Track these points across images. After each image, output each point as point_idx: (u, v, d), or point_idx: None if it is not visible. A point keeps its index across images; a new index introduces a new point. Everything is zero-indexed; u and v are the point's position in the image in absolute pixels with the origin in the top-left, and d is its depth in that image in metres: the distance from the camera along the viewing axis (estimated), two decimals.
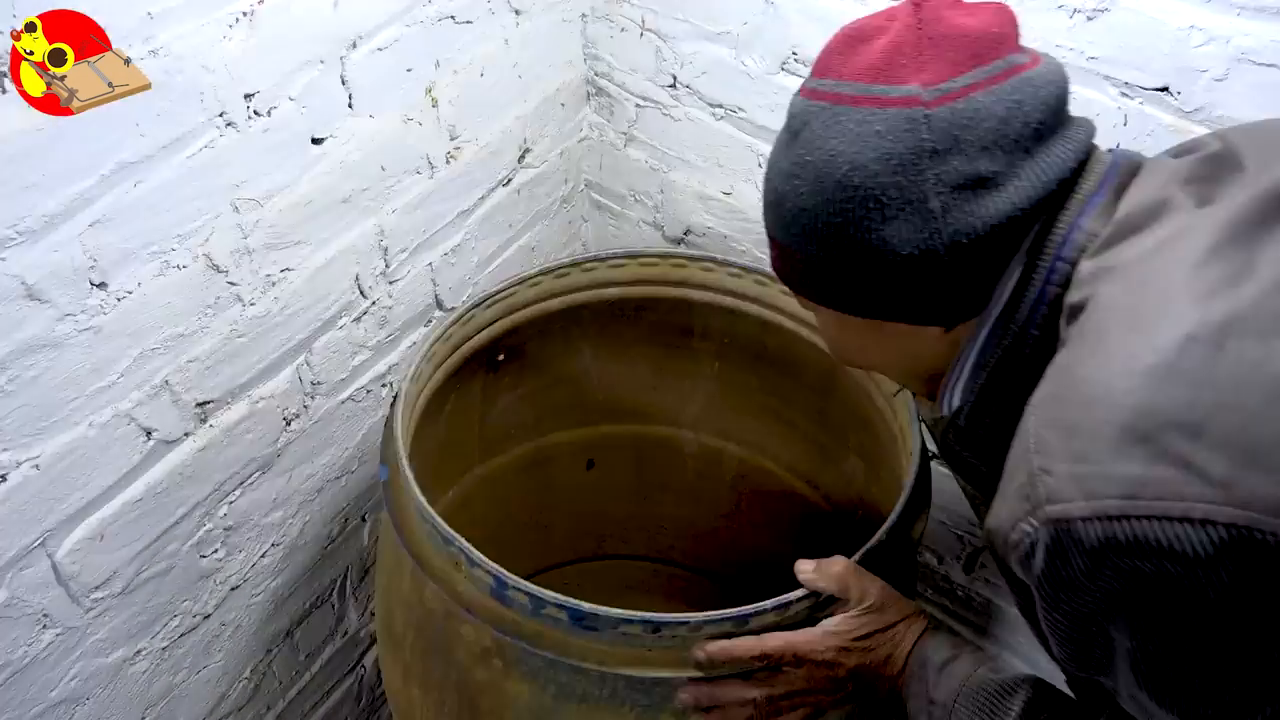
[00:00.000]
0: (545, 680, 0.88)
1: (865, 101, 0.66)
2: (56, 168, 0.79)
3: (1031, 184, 0.65)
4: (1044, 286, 0.65)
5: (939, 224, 0.65)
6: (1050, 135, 0.66)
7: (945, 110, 0.64)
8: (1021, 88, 0.65)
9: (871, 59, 0.67)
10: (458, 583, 0.90)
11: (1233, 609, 0.52)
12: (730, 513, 1.45)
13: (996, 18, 0.68)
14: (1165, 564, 0.52)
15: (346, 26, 1.00)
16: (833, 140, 0.67)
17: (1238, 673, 0.54)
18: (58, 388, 0.88)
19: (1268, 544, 0.50)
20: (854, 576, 0.84)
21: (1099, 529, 0.54)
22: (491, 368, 1.24)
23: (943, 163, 0.64)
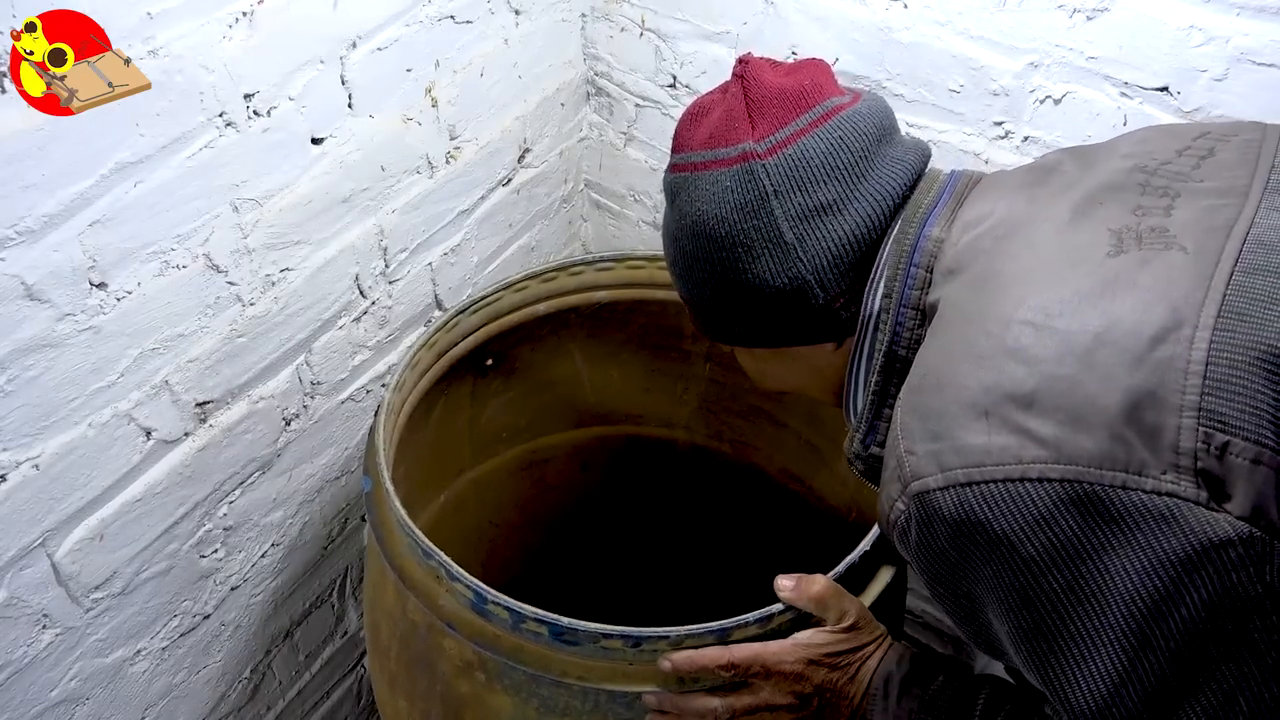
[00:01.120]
0: (528, 694, 0.87)
1: (712, 165, 0.77)
2: (56, 168, 0.79)
3: (870, 201, 0.75)
4: (904, 291, 0.74)
5: (798, 253, 0.75)
6: (879, 159, 0.76)
7: (778, 157, 0.75)
8: (842, 125, 0.76)
9: (711, 128, 0.78)
10: (439, 596, 0.90)
11: (1077, 560, 0.58)
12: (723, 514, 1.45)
13: (811, 71, 0.79)
14: (1013, 522, 0.59)
15: (346, 26, 1.00)
16: (696, 202, 0.78)
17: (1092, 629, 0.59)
18: (57, 388, 0.88)
19: (1096, 494, 0.57)
20: (833, 597, 0.84)
21: (953, 496, 0.61)
22: (480, 373, 1.23)
23: (786, 200, 0.75)
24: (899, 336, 0.74)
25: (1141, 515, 0.56)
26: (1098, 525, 0.57)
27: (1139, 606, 0.57)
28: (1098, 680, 0.59)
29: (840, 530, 1.26)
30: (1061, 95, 1.03)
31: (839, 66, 1.16)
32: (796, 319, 0.78)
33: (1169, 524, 0.56)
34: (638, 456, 1.44)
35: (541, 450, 1.40)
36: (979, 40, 1.05)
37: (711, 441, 1.40)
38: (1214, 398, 0.56)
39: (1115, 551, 0.57)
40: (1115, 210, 0.67)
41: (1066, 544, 0.58)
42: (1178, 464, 0.56)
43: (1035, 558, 0.59)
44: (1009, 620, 0.63)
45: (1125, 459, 0.57)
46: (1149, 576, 0.56)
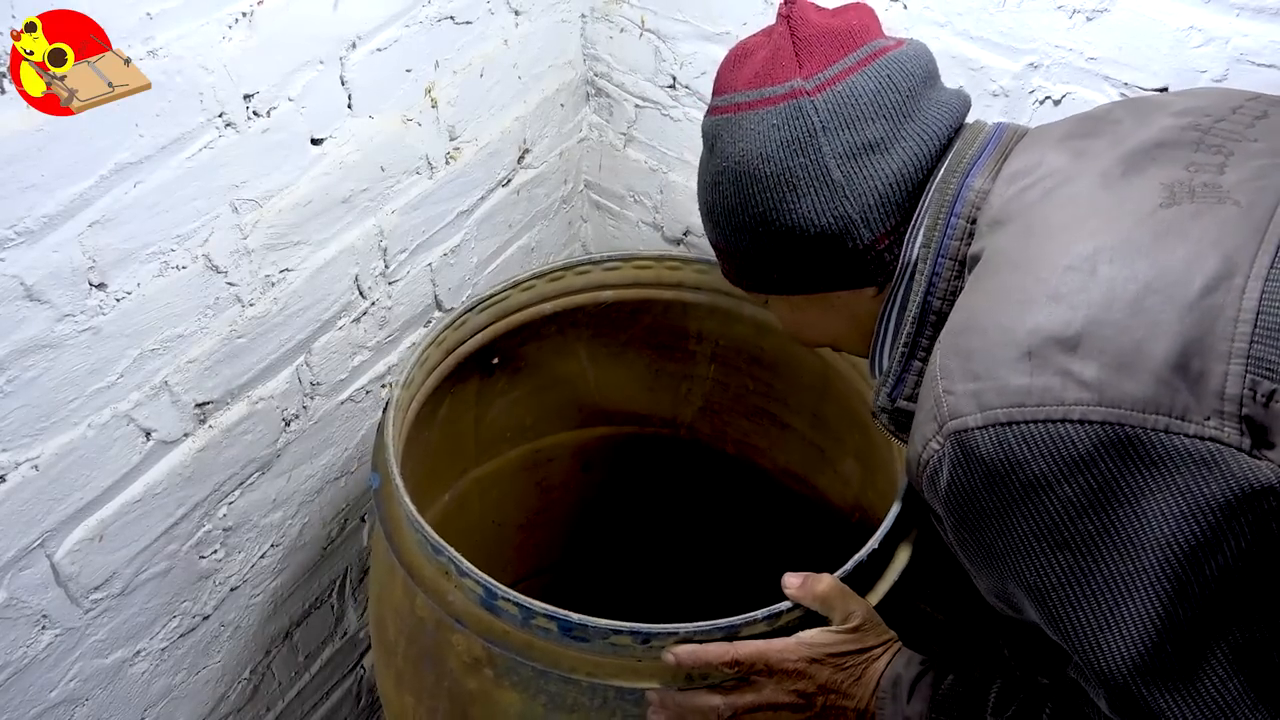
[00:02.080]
0: (536, 690, 0.87)
1: (758, 104, 0.77)
2: (56, 168, 0.79)
3: (916, 142, 0.76)
4: (943, 241, 0.74)
5: (845, 191, 0.75)
6: (925, 102, 0.77)
7: (826, 94, 0.75)
8: (889, 65, 0.76)
9: (756, 68, 0.78)
10: (448, 592, 0.90)
11: (1115, 503, 0.58)
12: (726, 515, 1.45)
13: (857, 13, 0.80)
14: (1052, 463, 0.59)
15: (346, 27, 1.00)
16: (740, 143, 0.78)
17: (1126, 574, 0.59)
18: (57, 388, 0.88)
19: (1138, 437, 0.57)
20: (839, 597, 0.84)
21: (993, 435, 0.61)
22: (486, 371, 1.23)
23: (834, 138, 0.75)
24: (934, 286, 0.74)
25: (1183, 459, 0.56)
26: (1138, 468, 0.57)
27: (1176, 551, 0.57)
28: (1130, 626, 0.59)
29: (844, 531, 1.26)
30: (1061, 96, 1.03)
31: None
32: (840, 261, 0.78)
33: (1210, 468, 0.56)
34: (642, 456, 1.44)
35: (546, 449, 1.40)
36: (978, 41, 1.05)
37: (715, 441, 1.40)
38: (1263, 345, 0.57)
39: (1154, 495, 0.57)
40: (1168, 165, 0.67)
41: (1105, 486, 0.58)
42: (1222, 410, 0.56)
43: (1073, 499, 0.59)
44: (1039, 569, 0.62)
45: (1169, 403, 0.57)
46: (1187, 521, 0.56)
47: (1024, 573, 0.63)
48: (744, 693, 0.84)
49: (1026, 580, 0.63)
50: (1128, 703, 0.61)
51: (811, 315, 0.86)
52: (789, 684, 0.83)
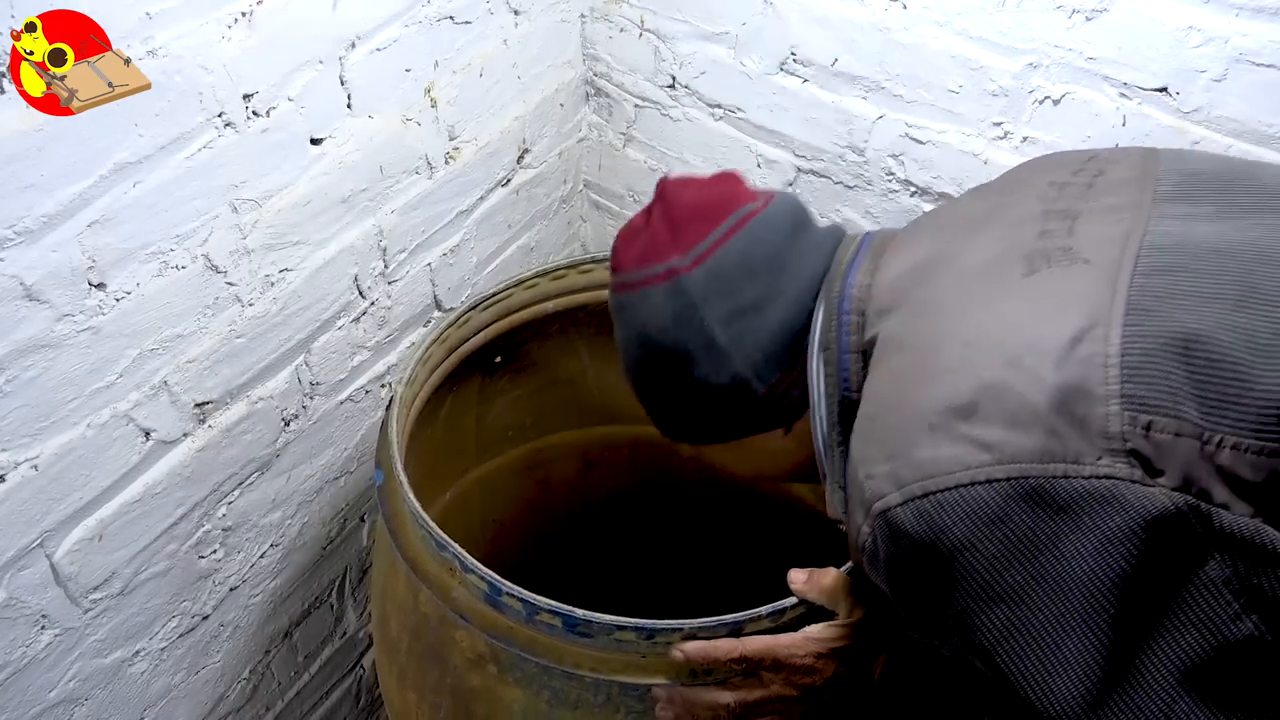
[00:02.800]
0: (540, 686, 0.87)
1: (644, 283, 0.84)
2: (55, 168, 0.79)
3: (791, 293, 0.82)
4: (842, 339, 0.79)
5: (732, 354, 0.81)
6: (794, 253, 0.83)
7: (701, 269, 0.81)
8: (755, 230, 0.82)
9: (640, 249, 0.85)
10: (452, 588, 0.90)
11: (1035, 551, 0.61)
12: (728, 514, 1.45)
13: (724, 183, 0.87)
14: (970, 525, 0.62)
15: (345, 27, 1.00)
16: (636, 320, 0.85)
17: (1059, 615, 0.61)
18: (56, 388, 0.88)
19: (1041, 486, 0.61)
20: (844, 591, 0.85)
21: (913, 509, 0.64)
22: (488, 370, 1.23)
23: (713, 307, 0.81)
24: (847, 382, 0.78)
25: (1085, 499, 0.60)
26: (1047, 515, 0.61)
27: (1099, 585, 0.60)
28: (1074, 665, 0.61)
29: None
30: (1060, 96, 1.04)
31: (838, 67, 1.16)
32: (743, 413, 0.84)
33: (1110, 504, 0.59)
34: (643, 455, 1.43)
35: (547, 449, 1.40)
36: (978, 40, 1.05)
37: None
38: (1132, 384, 0.61)
39: (1068, 537, 0.60)
40: (1024, 238, 0.73)
41: (1022, 538, 0.61)
42: (1110, 448, 0.60)
43: (996, 554, 0.62)
44: (981, 627, 0.64)
45: (1062, 450, 0.61)
46: (1102, 555, 0.60)
47: (969, 635, 0.65)
48: (752, 688, 0.85)
49: (973, 643, 0.65)
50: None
51: (735, 458, 0.91)
52: (796, 679, 0.84)
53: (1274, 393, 0.59)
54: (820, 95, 1.19)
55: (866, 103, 1.17)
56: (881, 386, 0.72)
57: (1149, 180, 0.74)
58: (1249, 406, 0.60)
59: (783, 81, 1.21)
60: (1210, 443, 0.59)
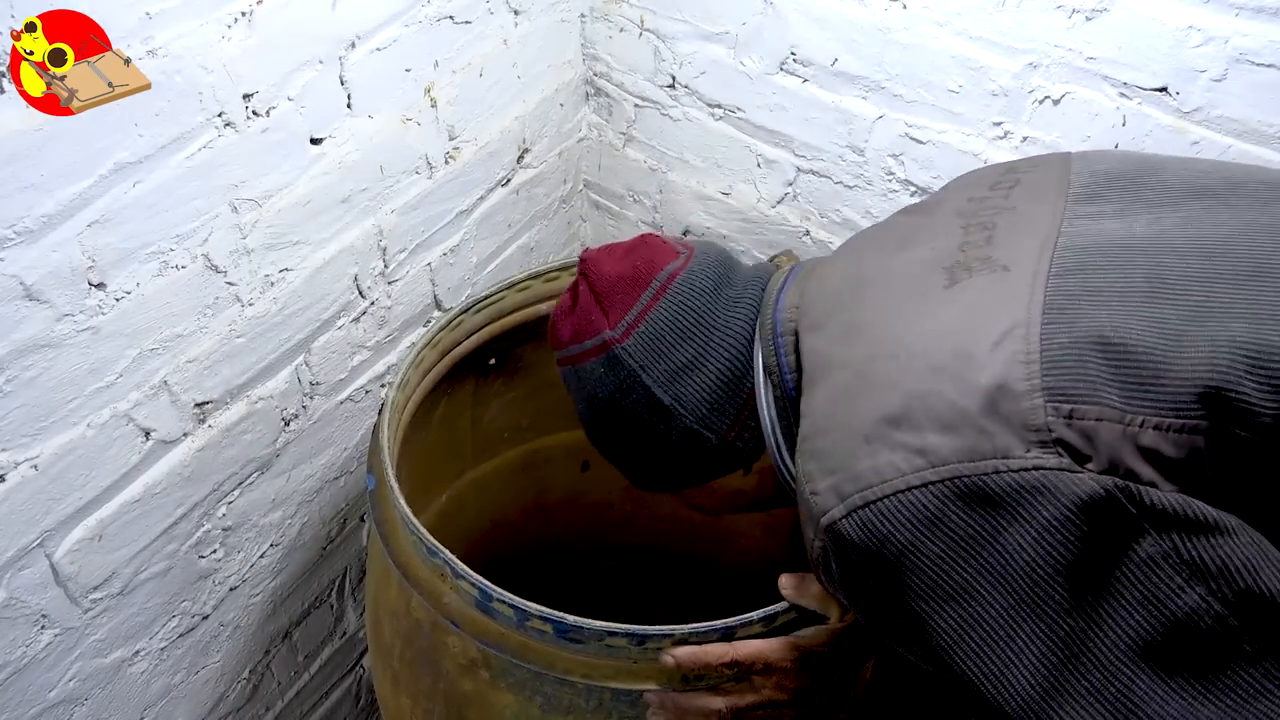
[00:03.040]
0: (532, 691, 0.87)
1: (584, 357, 0.88)
2: (55, 168, 0.79)
3: (725, 345, 0.85)
4: (781, 361, 0.81)
5: (679, 410, 0.85)
6: (722, 304, 0.86)
7: (633, 337, 0.85)
8: (679, 291, 0.86)
9: (573, 326, 0.90)
10: (443, 594, 0.90)
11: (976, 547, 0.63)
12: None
13: (643, 248, 0.90)
14: (911, 529, 0.64)
15: (345, 27, 1.00)
16: (584, 390, 0.89)
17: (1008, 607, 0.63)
18: (56, 388, 0.88)
19: (974, 484, 0.62)
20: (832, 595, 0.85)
21: (855, 520, 0.66)
22: (482, 372, 1.23)
23: (652, 371, 0.85)
24: (793, 399, 0.80)
25: (1017, 491, 0.62)
26: (983, 511, 0.62)
27: (1042, 573, 0.61)
28: (1028, 655, 0.62)
29: None
30: (1060, 96, 1.04)
31: (838, 67, 1.16)
32: (701, 461, 0.88)
33: (1042, 493, 0.61)
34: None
35: (543, 450, 1.40)
36: (978, 40, 1.05)
37: None
38: (1052, 377, 0.63)
39: (1006, 531, 0.62)
40: (945, 251, 0.76)
41: (962, 536, 0.63)
42: (1037, 440, 0.62)
43: (941, 555, 0.64)
44: (936, 629, 0.65)
45: (991, 447, 0.63)
46: (1041, 544, 0.61)
47: (927, 638, 0.66)
48: (744, 692, 0.85)
49: (930, 645, 0.66)
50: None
51: (709, 501, 0.95)
52: (788, 683, 0.84)
53: (1188, 375, 0.62)
54: (820, 95, 1.19)
55: (866, 103, 1.17)
56: (818, 406, 0.74)
57: (1062, 185, 0.77)
58: (1165, 389, 0.62)
59: (783, 81, 1.21)
60: (1132, 425, 0.62)
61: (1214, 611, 0.59)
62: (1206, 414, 0.62)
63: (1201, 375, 0.62)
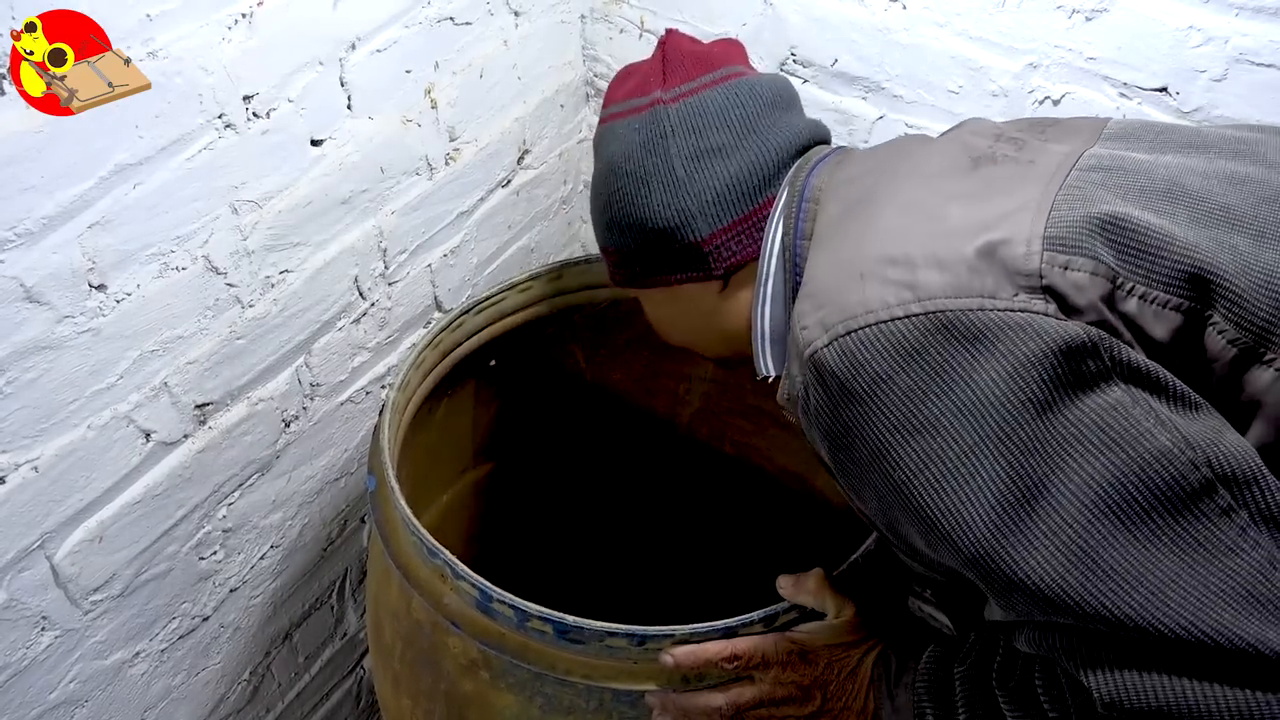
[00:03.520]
0: (532, 692, 0.87)
1: (627, 114, 0.89)
2: (55, 169, 0.79)
3: (756, 153, 0.85)
4: (798, 224, 0.82)
5: (686, 188, 0.84)
6: (771, 121, 0.86)
7: (680, 105, 0.86)
8: (740, 87, 0.87)
9: (631, 85, 0.90)
10: (443, 595, 0.89)
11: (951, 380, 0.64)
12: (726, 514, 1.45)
13: (725, 45, 0.93)
14: (888, 358, 0.65)
15: (345, 28, 1.00)
16: (611, 146, 0.89)
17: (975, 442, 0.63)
18: (56, 390, 0.88)
19: (957, 319, 0.64)
20: (828, 589, 0.86)
21: (836, 348, 0.67)
22: (483, 373, 1.23)
23: (682, 141, 0.85)
24: (799, 268, 0.81)
25: (1000, 329, 0.63)
26: (962, 345, 0.64)
27: (1012, 409, 0.62)
28: (987, 491, 0.63)
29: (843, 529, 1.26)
30: (1060, 96, 1.04)
31: (838, 67, 1.16)
32: (681, 253, 0.86)
33: (1024, 331, 0.62)
34: (640, 457, 1.44)
35: (544, 451, 1.40)
36: (978, 41, 1.06)
37: (713, 441, 1.40)
38: (1055, 230, 0.66)
39: (981, 365, 0.63)
40: (974, 146, 0.78)
41: (939, 368, 0.64)
42: (1027, 285, 0.64)
43: (914, 386, 0.65)
44: (899, 462, 0.66)
45: (979, 286, 0.65)
46: (1015, 379, 0.62)
47: (890, 473, 0.67)
48: (744, 688, 0.85)
49: (893, 480, 0.67)
50: (1001, 583, 0.64)
51: (668, 312, 0.94)
52: (786, 676, 0.84)
53: (1183, 255, 0.64)
54: (820, 95, 1.19)
55: (866, 103, 1.17)
56: (821, 256, 0.76)
57: (1095, 129, 0.79)
58: (1160, 261, 0.64)
59: None
60: (1121, 288, 0.64)
61: (1185, 458, 0.59)
62: (1191, 296, 0.64)
63: (1197, 257, 0.64)
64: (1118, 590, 0.60)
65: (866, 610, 0.86)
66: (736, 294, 0.87)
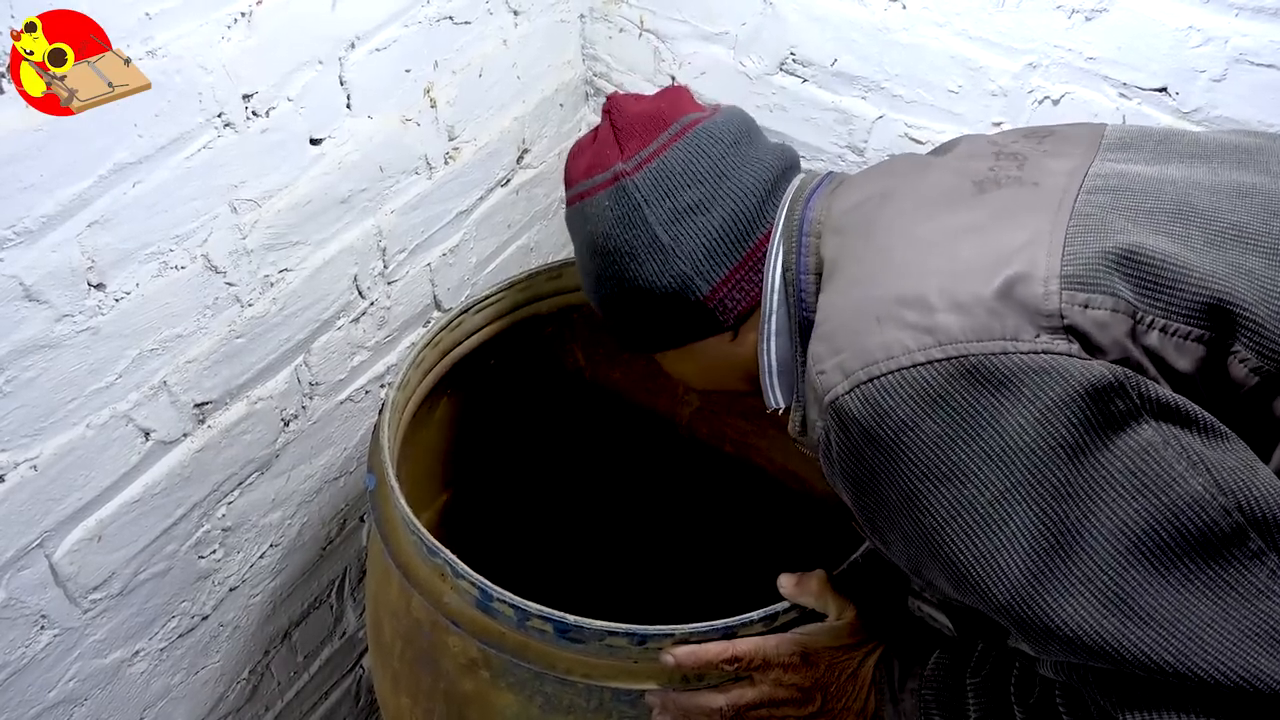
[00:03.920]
0: (532, 691, 0.87)
1: (592, 191, 0.87)
2: (55, 168, 0.79)
3: (733, 197, 0.83)
4: (800, 259, 0.80)
5: (675, 252, 0.83)
6: (739, 160, 0.85)
7: (644, 171, 0.84)
8: (699, 136, 0.85)
9: (589, 160, 0.89)
10: (443, 594, 0.90)
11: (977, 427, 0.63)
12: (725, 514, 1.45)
13: (670, 96, 0.90)
14: (912, 405, 0.64)
15: (345, 27, 1.00)
16: (586, 226, 0.88)
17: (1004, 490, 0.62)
18: (56, 388, 0.88)
19: (980, 363, 0.63)
20: (830, 591, 0.86)
21: (859, 395, 0.66)
22: (483, 372, 1.23)
23: (657, 208, 0.83)
24: (804, 302, 0.80)
25: (1024, 372, 0.62)
26: (987, 390, 0.62)
27: (1041, 454, 0.61)
28: (1020, 540, 0.62)
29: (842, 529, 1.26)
30: (1060, 96, 1.04)
31: (838, 67, 1.16)
32: (687, 315, 0.85)
33: (1049, 375, 0.61)
34: (639, 456, 1.44)
35: (544, 450, 1.40)
36: (977, 41, 1.06)
37: (713, 441, 1.40)
38: (1071, 267, 0.65)
39: (1008, 410, 0.62)
40: (975, 170, 0.77)
41: (964, 414, 0.63)
42: (1048, 325, 0.63)
43: (939, 433, 0.63)
44: (928, 510, 0.65)
45: (1001, 329, 0.63)
46: (1043, 424, 0.61)
47: (919, 520, 0.66)
48: (744, 689, 0.85)
49: (922, 527, 0.66)
50: (1036, 629, 0.63)
51: (688, 366, 0.92)
52: (787, 677, 0.84)
53: (1201, 286, 0.63)
54: (820, 95, 1.19)
55: (866, 103, 1.17)
56: (835, 297, 0.74)
57: (1095, 138, 0.79)
58: (1179, 294, 0.64)
59: (782, 81, 1.21)
60: (1142, 322, 0.63)
61: (1217, 504, 0.58)
62: (1212, 326, 0.63)
63: (1216, 288, 0.63)
64: (1155, 636, 0.59)
65: (868, 612, 0.86)
66: (747, 337, 0.86)
